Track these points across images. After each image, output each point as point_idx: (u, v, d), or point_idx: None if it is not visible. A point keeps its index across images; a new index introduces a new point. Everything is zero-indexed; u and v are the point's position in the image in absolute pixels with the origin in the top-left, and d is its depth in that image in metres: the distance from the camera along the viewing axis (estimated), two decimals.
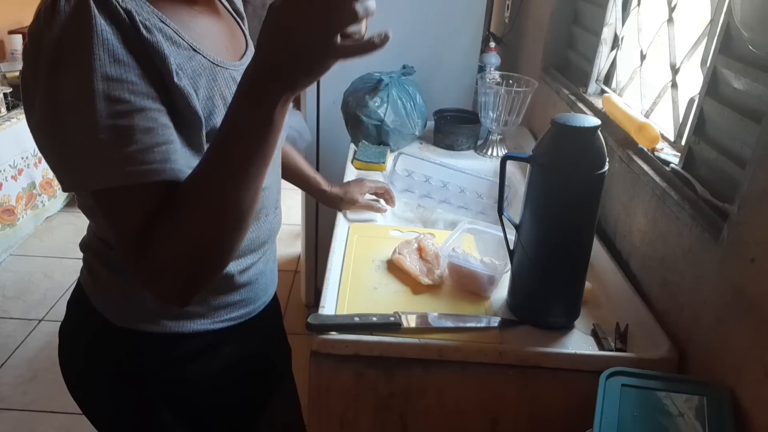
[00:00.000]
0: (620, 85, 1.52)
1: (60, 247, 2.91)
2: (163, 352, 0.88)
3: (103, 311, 0.87)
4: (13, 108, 2.75)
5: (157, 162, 0.66)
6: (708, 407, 0.81)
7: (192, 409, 0.93)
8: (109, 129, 0.63)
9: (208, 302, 0.89)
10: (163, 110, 0.68)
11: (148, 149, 0.65)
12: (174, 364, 0.89)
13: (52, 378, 2.10)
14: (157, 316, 0.86)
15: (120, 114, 0.64)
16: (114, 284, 0.86)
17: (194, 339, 0.89)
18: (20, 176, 2.73)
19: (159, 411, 0.91)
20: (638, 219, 1.17)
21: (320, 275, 2.26)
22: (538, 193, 0.96)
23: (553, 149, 0.93)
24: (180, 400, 0.92)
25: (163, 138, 0.67)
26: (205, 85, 0.75)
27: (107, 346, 0.89)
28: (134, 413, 0.92)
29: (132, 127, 0.64)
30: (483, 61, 2.09)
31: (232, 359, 0.95)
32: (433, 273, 1.10)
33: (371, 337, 0.95)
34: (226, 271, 0.86)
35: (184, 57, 0.72)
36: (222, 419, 0.99)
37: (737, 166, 0.93)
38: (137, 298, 0.85)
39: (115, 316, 0.86)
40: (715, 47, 1.00)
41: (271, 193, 0.93)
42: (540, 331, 0.99)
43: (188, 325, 0.87)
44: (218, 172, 0.64)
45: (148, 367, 0.88)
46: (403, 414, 1.00)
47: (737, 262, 0.85)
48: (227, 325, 0.92)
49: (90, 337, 0.91)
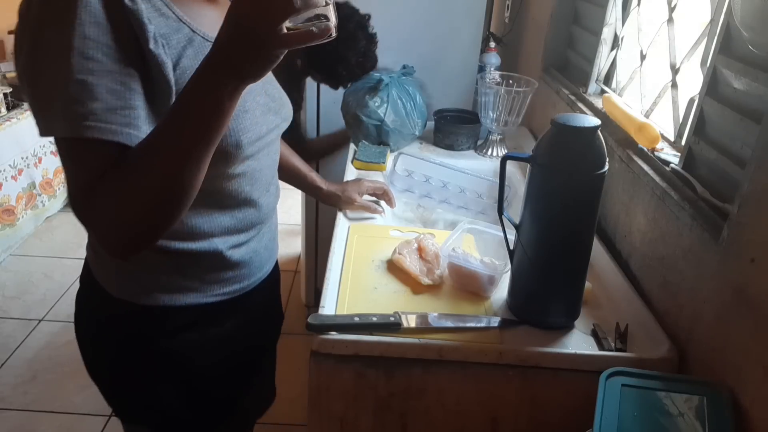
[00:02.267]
0: (620, 85, 1.52)
1: (60, 247, 2.91)
2: (159, 323, 0.93)
3: (104, 284, 0.93)
4: (13, 108, 2.75)
5: (117, 124, 0.70)
6: (708, 407, 0.81)
7: (187, 375, 0.98)
8: (78, 83, 0.68)
9: (201, 277, 0.93)
10: (135, 75, 0.72)
11: (111, 110, 0.70)
12: (169, 334, 0.94)
13: (52, 378, 2.10)
14: (152, 290, 0.90)
15: (90, 71, 0.69)
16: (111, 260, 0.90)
17: (188, 311, 0.93)
18: (20, 176, 2.73)
19: (155, 377, 0.96)
20: (638, 219, 1.17)
21: (320, 275, 2.26)
22: (538, 193, 0.96)
23: (553, 149, 0.93)
24: (175, 367, 0.97)
25: (129, 103, 0.71)
26: (191, 56, 0.79)
27: (109, 316, 0.94)
28: (134, 379, 0.97)
29: (99, 86, 0.69)
30: (483, 61, 2.10)
31: (226, 330, 0.99)
32: (433, 273, 1.10)
33: (371, 337, 0.95)
34: (215, 248, 0.91)
35: (170, 28, 0.77)
36: (215, 386, 1.03)
37: (737, 166, 0.93)
38: (131, 272, 0.90)
39: (114, 289, 0.92)
40: (715, 47, 1.00)
41: (263, 176, 0.95)
42: (540, 331, 0.99)
43: (181, 298, 0.92)
44: (165, 145, 0.69)
45: (145, 337, 0.93)
46: (403, 414, 1.00)
47: (737, 262, 0.85)
48: (220, 299, 0.96)
49: (95, 307, 0.96)
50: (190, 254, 0.89)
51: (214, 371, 1.01)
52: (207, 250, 0.90)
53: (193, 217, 0.88)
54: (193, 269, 0.91)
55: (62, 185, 3.05)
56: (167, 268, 0.90)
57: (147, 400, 0.99)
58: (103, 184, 0.70)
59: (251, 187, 0.93)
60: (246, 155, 0.87)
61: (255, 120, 0.88)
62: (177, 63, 0.77)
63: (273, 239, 1.06)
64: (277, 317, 1.20)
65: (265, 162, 0.96)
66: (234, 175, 0.88)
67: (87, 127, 0.69)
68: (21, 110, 2.73)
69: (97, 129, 0.69)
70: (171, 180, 0.69)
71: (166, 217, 0.73)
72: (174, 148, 0.68)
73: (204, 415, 1.03)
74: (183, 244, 0.89)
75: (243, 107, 0.85)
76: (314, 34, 0.63)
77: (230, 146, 0.83)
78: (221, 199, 0.90)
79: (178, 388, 0.98)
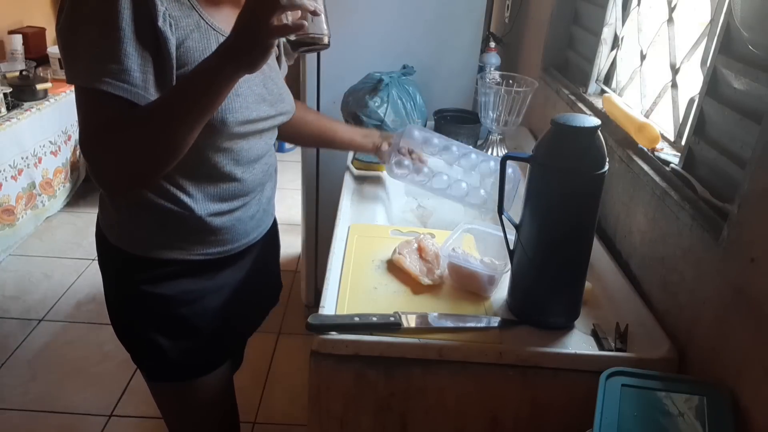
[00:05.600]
0: (620, 85, 1.52)
1: (60, 247, 2.91)
2: (146, 270, 1.05)
3: (106, 233, 1.07)
4: (13, 108, 2.74)
5: (129, 84, 0.85)
6: (708, 407, 0.81)
7: (171, 321, 1.08)
8: (105, 47, 0.84)
9: (185, 237, 1.04)
10: (149, 47, 0.87)
11: (126, 71, 0.85)
12: (153, 281, 1.05)
13: (52, 378, 2.10)
14: (142, 242, 1.04)
15: (115, 39, 0.84)
16: (110, 210, 1.05)
17: (172, 265, 1.05)
18: (20, 176, 2.72)
19: (145, 322, 1.08)
20: (638, 219, 1.17)
21: (320, 275, 2.25)
22: (538, 193, 0.96)
23: (553, 149, 0.93)
24: (160, 312, 1.07)
25: (141, 68, 0.86)
26: (197, 39, 0.93)
27: (112, 262, 1.09)
28: (133, 326, 1.10)
29: (120, 51, 0.84)
30: (483, 61, 2.09)
31: (219, 282, 1.11)
32: (433, 273, 1.10)
33: (371, 337, 0.95)
34: (197, 212, 1.02)
35: (182, 12, 0.91)
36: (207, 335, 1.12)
37: (737, 166, 0.93)
38: (127, 225, 1.04)
39: (114, 239, 1.06)
40: (715, 47, 1.00)
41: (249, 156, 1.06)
42: (540, 331, 0.99)
43: (166, 253, 1.04)
44: (166, 108, 0.85)
45: (135, 281, 1.06)
46: (403, 414, 1.00)
47: (737, 262, 0.85)
48: (202, 258, 1.07)
49: (102, 255, 1.11)
50: (175, 214, 1.01)
51: (200, 320, 1.10)
52: (190, 212, 1.02)
53: (181, 181, 1.00)
54: (176, 229, 1.03)
55: (62, 185, 3.05)
56: (155, 225, 1.02)
57: (140, 341, 1.10)
58: (110, 131, 0.86)
59: (235, 162, 1.04)
60: (231, 133, 0.99)
61: (246, 105, 0.99)
62: (182, 43, 0.91)
63: (264, 211, 1.17)
64: (271, 284, 1.31)
65: (256, 145, 1.07)
66: (220, 149, 1.00)
67: (104, 82, 0.84)
68: (21, 110, 2.73)
69: (112, 85, 0.84)
70: (165, 136, 0.86)
71: (155, 167, 0.89)
72: (173, 111, 0.85)
73: (190, 359, 1.12)
74: (170, 205, 1.01)
75: (236, 91, 0.96)
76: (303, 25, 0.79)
77: (216, 121, 0.95)
78: (207, 168, 1.01)
79: (165, 333, 1.08)
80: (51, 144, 2.94)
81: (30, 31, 3.25)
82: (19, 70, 2.91)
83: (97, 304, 2.50)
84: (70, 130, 3.10)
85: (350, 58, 1.98)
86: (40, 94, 2.88)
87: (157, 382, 1.15)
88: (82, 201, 3.27)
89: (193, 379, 1.14)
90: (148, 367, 1.14)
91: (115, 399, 2.03)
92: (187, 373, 1.13)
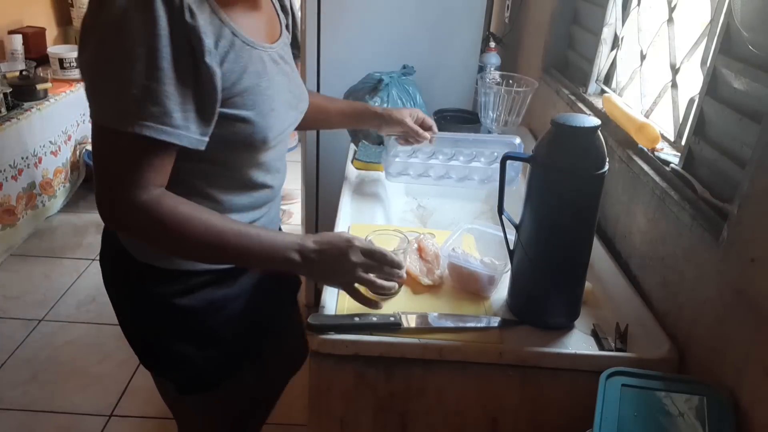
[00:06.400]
0: (620, 85, 1.52)
1: (60, 247, 2.90)
2: (176, 284, 1.01)
3: (129, 249, 1.01)
4: (13, 108, 2.74)
5: (171, 126, 0.81)
6: (708, 407, 0.81)
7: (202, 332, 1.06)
8: (144, 88, 0.78)
9: None
10: (190, 84, 0.82)
11: (167, 114, 0.80)
12: (185, 294, 1.02)
13: (52, 378, 2.10)
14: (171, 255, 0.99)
15: (154, 78, 0.78)
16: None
17: (204, 274, 1.03)
18: (20, 176, 2.72)
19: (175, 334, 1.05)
20: (638, 219, 1.17)
21: None
22: (538, 193, 0.96)
23: (553, 149, 0.93)
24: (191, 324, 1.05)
25: (182, 108, 0.81)
26: (232, 60, 0.87)
27: (135, 277, 1.03)
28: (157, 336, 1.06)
29: (160, 92, 0.79)
30: (483, 61, 2.09)
31: (234, 291, 1.08)
32: (433, 273, 1.10)
33: (371, 337, 0.95)
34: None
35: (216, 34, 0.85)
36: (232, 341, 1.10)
37: (737, 166, 0.93)
38: None
39: (137, 253, 1.01)
40: (715, 47, 1.00)
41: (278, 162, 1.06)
42: (540, 331, 0.99)
43: (195, 264, 1.01)
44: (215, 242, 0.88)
45: (165, 295, 1.01)
46: (403, 414, 1.00)
47: (737, 262, 0.85)
48: (228, 266, 1.04)
49: (123, 271, 1.05)
50: None
51: (225, 328, 1.08)
52: None
53: (218, 197, 0.98)
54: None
55: (62, 185, 3.05)
56: None
57: (166, 356, 1.07)
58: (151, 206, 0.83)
59: (267, 171, 1.03)
60: (269, 148, 0.98)
61: (280, 118, 0.98)
62: (222, 65, 0.86)
63: (277, 213, 1.16)
64: (288, 283, 1.27)
65: (281, 150, 1.06)
66: (256, 164, 1.00)
67: (145, 126, 0.79)
68: (21, 110, 2.73)
69: (153, 129, 0.79)
70: (198, 253, 0.91)
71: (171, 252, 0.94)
72: (219, 250, 0.89)
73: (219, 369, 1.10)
74: None
75: (270, 106, 0.94)
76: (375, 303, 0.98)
77: (257, 142, 0.94)
78: (243, 183, 1.00)
79: (195, 344, 1.05)
80: (51, 144, 2.94)
81: (30, 31, 3.25)
82: (19, 70, 2.91)
83: (97, 304, 2.50)
84: (70, 130, 3.10)
85: (350, 58, 1.98)
86: (40, 94, 2.88)
87: (189, 395, 1.09)
88: (82, 201, 3.26)
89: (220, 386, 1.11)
90: (178, 379, 1.09)
91: (115, 399, 2.03)
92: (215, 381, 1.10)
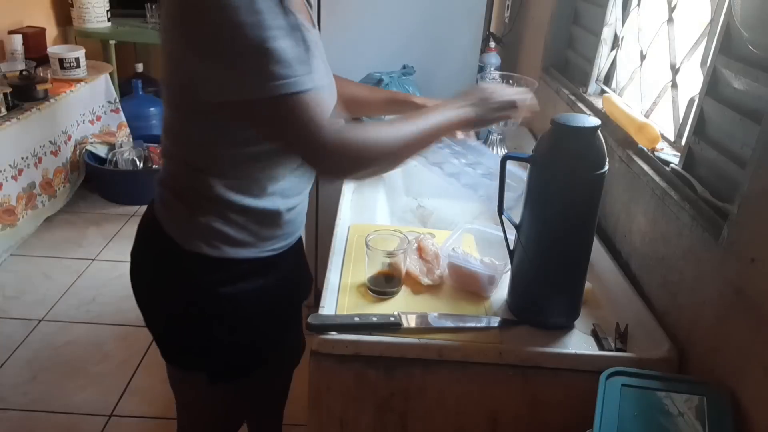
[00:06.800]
0: (620, 85, 1.52)
1: (60, 247, 2.90)
2: (222, 272, 1.02)
3: (175, 238, 1.01)
4: (13, 108, 2.74)
5: (306, 74, 0.86)
6: (708, 407, 0.81)
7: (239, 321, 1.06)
8: (271, 50, 0.82)
9: (258, 233, 1.03)
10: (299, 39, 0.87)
11: (301, 63, 0.85)
12: (230, 282, 1.03)
13: (52, 378, 2.10)
14: (218, 242, 1.00)
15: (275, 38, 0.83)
16: (185, 215, 1.01)
17: (245, 263, 1.04)
18: (20, 176, 2.72)
19: (214, 323, 1.05)
20: (638, 219, 1.17)
21: (320, 275, 2.25)
22: (538, 193, 0.96)
23: (553, 149, 0.93)
24: (231, 313, 1.05)
25: (306, 56, 0.87)
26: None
27: (173, 264, 1.03)
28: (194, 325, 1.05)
29: (286, 49, 0.83)
30: (483, 61, 2.09)
31: (269, 282, 1.08)
32: (433, 273, 1.10)
33: (371, 337, 0.95)
34: (275, 209, 1.03)
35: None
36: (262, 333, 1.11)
37: (737, 166, 0.93)
38: (204, 227, 0.99)
39: (185, 241, 1.00)
40: (715, 47, 1.00)
41: None
42: (540, 331, 0.99)
43: (241, 252, 1.02)
44: (407, 130, 0.98)
45: (210, 283, 1.02)
46: (403, 414, 1.00)
47: (737, 262, 0.85)
48: (268, 254, 1.06)
49: (159, 256, 1.05)
50: (256, 211, 1.00)
51: (259, 318, 1.09)
52: (271, 208, 1.02)
53: (269, 178, 1.00)
54: (254, 226, 1.02)
55: (62, 185, 3.05)
56: (234, 224, 1.00)
57: (204, 344, 1.07)
58: (352, 130, 0.91)
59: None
60: None
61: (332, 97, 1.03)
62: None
63: (306, 204, 1.17)
64: (308, 276, 1.30)
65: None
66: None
67: (293, 83, 0.84)
68: (21, 110, 2.73)
69: (296, 83, 0.84)
70: (401, 149, 0.98)
71: (377, 170, 1.03)
72: (413, 135, 0.98)
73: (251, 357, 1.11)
74: (254, 201, 1.00)
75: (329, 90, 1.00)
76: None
77: None
78: (292, 162, 1.02)
79: (231, 333, 1.06)
80: (51, 144, 2.95)
81: (30, 31, 3.25)
82: (19, 70, 2.91)
83: (97, 304, 2.50)
84: (70, 130, 3.10)
85: (350, 58, 1.97)
86: (40, 94, 2.88)
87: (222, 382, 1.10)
88: (82, 201, 3.26)
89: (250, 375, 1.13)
90: (213, 366, 1.10)
91: (115, 399, 2.03)
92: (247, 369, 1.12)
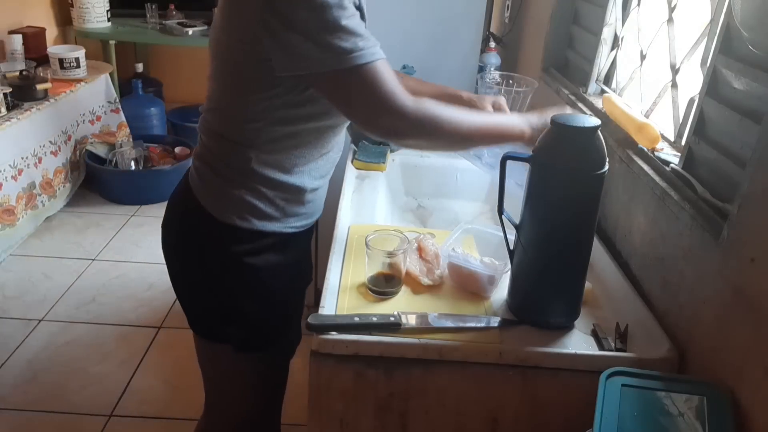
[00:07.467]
0: (620, 85, 1.52)
1: (60, 247, 2.90)
2: (250, 242, 1.08)
3: (210, 209, 1.08)
4: (13, 108, 2.74)
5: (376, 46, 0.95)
6: (708, 407, 0.81)
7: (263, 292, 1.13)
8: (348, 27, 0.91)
9: (284, 209, 1.09)
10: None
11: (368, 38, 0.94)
12: (256, 253, 1.09)
13: (52, 378, 2.10)
14: (249, 214, 1.07)
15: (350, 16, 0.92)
16: (221, 188, 1.07)
17: (270, 237, 1.10)
18: (20, 176, 2.72)
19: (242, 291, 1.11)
20: (638, 219, 1.17)
21: (320, 275, 2.25)
22: (538, 193, 0.96)
23: (553, 149, 0.93)
24: (257, 283, 1.11)
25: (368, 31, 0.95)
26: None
27: (207, 234, 1.09)
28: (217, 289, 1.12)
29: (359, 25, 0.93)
30: (483, 61, 2.09)
31: (292, 257, 1.15)
32: (433, 273, 1.10)
33: (371, 337, 0.95)
34: (302, 185, 1.09)
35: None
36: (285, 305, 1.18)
37: (737, 166, 0.93)
38: (237, 199, 1.06)
39: (218, 212, 1.07)
40: (715, 47, 1.00)
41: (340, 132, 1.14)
42: (540, 331, 0.99)
43: (268, 225, 1.08)
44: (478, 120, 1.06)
45: (239, 253, 1.08)
46: (403, 414, 1.00)
47: (737, 262, 0.85)
48: (291, 231, 1.12)
49: (193, 226, 1.11)
50: (285, 186, 1.07)
51: (282, 292, 1.15)
52: (299, 185, 1.08)
53: (301, 156, 1.06)
54: (281, 201, 1.08)
55: (62, 185, 3.05)
56: (264, 197, 1.06)
57: (229, 312, 1.13)
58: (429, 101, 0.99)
59: (335, 134, 1.11)
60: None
61: None
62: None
63: (326, 190, 1.21)
64: (311, 263, 1.34)
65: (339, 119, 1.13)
66: (335, 126, 1.09)
67: (370, 54, 0.93)
68: (21, 110, 2.73)
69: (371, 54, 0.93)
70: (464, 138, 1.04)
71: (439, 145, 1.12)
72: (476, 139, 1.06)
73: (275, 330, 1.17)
74: (284, 176, 1.06)
75: None
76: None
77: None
78: (322, 145, 1.09)
79: (253, 302, 1.12)
80: (51, 144, 2.94)
81: (30, 31, 3.25)
82: (19, 70, 2.91)
83: (97, 304, 2.50)
84: (70, 130, 3.10)
85: None
86: (40, 94, 2.88)
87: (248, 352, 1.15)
88: (82, 201, 3.26)
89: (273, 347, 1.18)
90: (240, 335, 1.14)
91: (115, 399, 2.03)
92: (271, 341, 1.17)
